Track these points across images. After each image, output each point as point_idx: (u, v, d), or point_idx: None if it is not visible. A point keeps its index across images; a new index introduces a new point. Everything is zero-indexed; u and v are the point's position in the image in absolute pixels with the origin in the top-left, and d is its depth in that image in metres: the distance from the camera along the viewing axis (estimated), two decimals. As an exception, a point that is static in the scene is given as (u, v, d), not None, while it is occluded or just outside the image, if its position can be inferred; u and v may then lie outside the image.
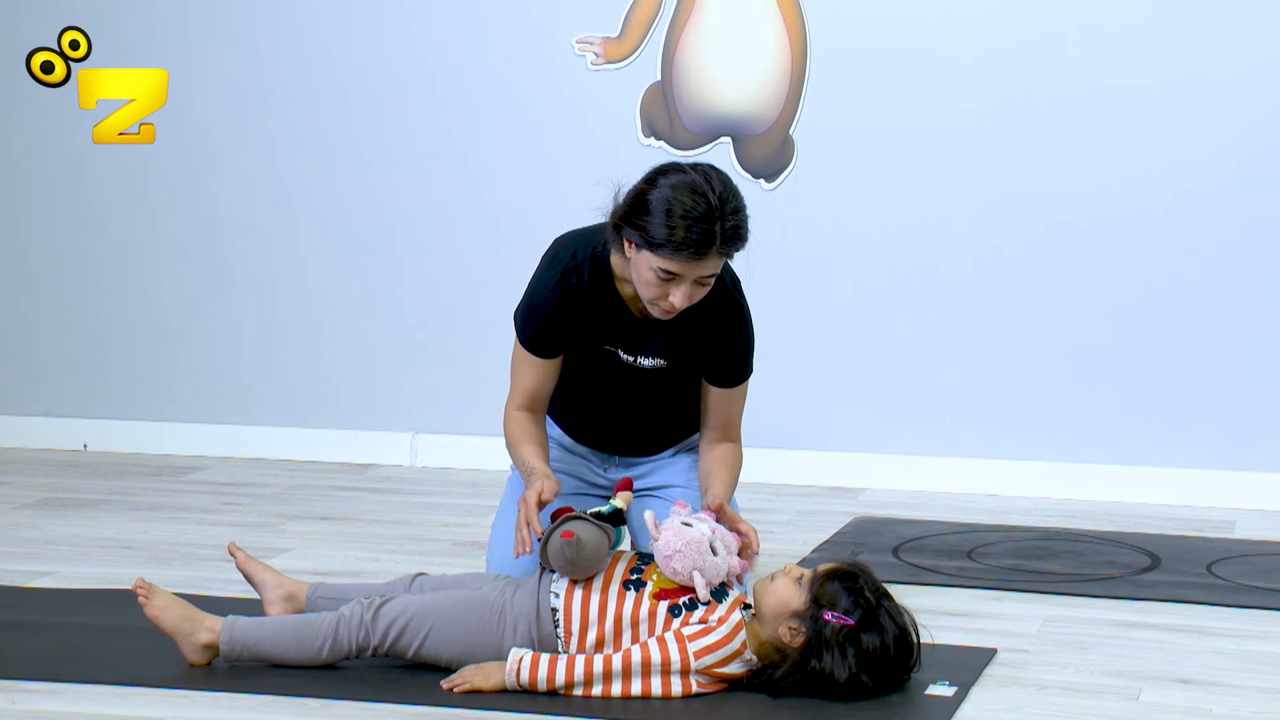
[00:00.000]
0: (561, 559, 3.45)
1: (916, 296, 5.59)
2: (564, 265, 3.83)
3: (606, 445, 4.10)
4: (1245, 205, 5.38)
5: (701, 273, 3.63)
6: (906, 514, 5.19)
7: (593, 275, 3.82)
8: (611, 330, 3.87)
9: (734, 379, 3.95)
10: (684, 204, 3.57)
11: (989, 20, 5.49)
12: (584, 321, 3.85)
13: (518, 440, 3.89)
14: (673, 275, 3.61)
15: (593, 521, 3.49)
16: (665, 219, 3.57)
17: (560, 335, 3.87)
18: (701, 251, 3.58)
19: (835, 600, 3.36)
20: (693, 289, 3.65)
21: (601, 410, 4.02)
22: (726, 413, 3.97)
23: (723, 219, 3.58)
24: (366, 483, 5.63)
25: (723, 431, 3.98)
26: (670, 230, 3.56)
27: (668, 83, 5.66)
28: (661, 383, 3.93)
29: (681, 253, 3.57)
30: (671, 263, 3.59)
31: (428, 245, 5.88)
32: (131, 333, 6.08)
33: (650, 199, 3.61)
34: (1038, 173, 5.50)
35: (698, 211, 3.57)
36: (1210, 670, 3.67)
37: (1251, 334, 5.40)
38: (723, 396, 3.96)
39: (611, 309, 3.85)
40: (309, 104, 5.92)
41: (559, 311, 3.84)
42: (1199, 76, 5.38)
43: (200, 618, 3.53)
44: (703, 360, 3.92)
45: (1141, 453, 5.47)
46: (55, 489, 5.43)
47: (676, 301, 3.64)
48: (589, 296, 3.83)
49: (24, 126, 6.08)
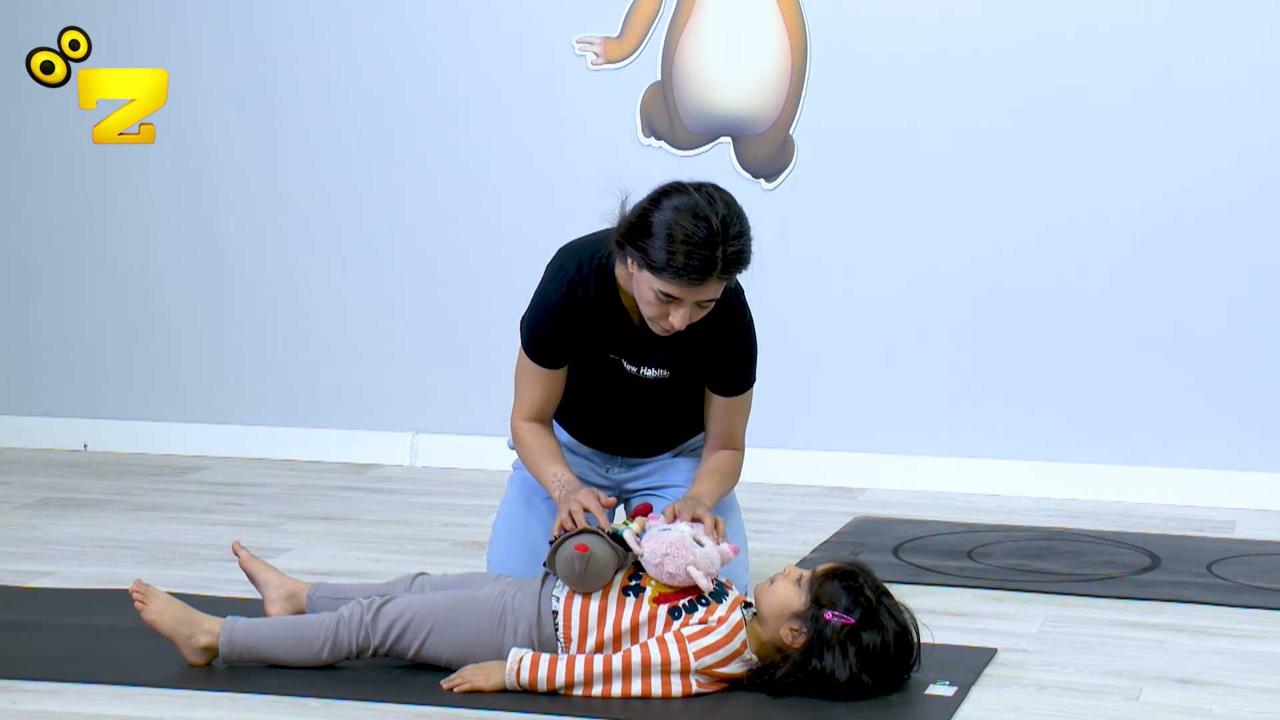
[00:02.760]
0: (570, 570, 3.44)
1: (917, 296, 5.59)
2: (570, 277, 3.81)
3: (609, 446, 4.10)
4: (1245, 206, 5.38)
5: (702, 296, 3.61)
6: (906, 514, 5.19)
7: (598, 286, 3.81)
8: (616, 340, 3.86)
9: (736, 388, 3.94)
10: (685, 229, 3.54)
11: (989, 20, 5.49)
12: (589, 332, 3.84)
13: (541, 456, 3.87)
14: (672, 298, 3.60)
15: (607, 540, 3.48)
16: (666, 243, 3.54)
17: (566, 346, 3.86)
18: (701, 277, 3.56)
19: (836, 599, 3.36)
20: (693, 310, 3.64)
21: (605, 416, 4.02)
22: (729, 422, 3.96)
23: (724, 244, 3.55)
24: (366, 483, 5.63)
25: (724, 440, 3.97)
26: (671, 255, 3.54)
27: (668, 83, 5.66)
28: (664, 392, 3.93)
29: (681, 278, 3.56)
30: (671, 287, 3.58)
31: (428, 245, 5.88)
32: (131, 333, 6.08)
33: (653, 221, 3.58)
34: (1038, 173, 5.49)
35: (699, 237, 3.54)
36: (1210, 670, 3.66)
37: (1251, 334, 5.40)
38: (725, 405, 3.95)
39: (616, 319, 3.84)
40: (309, 104, 5.92)
41: (566, 323, 3.82)
42: (1199, 77, 5.38)
43: (198, 620, 3.52)
44: (705, 370, 3.91)
45: (1142, 453, 5.47)
46: (55, 489, 5.43)
47: (676, 323, 3.63)
48: (595, 308, 3.82)
49: (24, 126, 6.07)
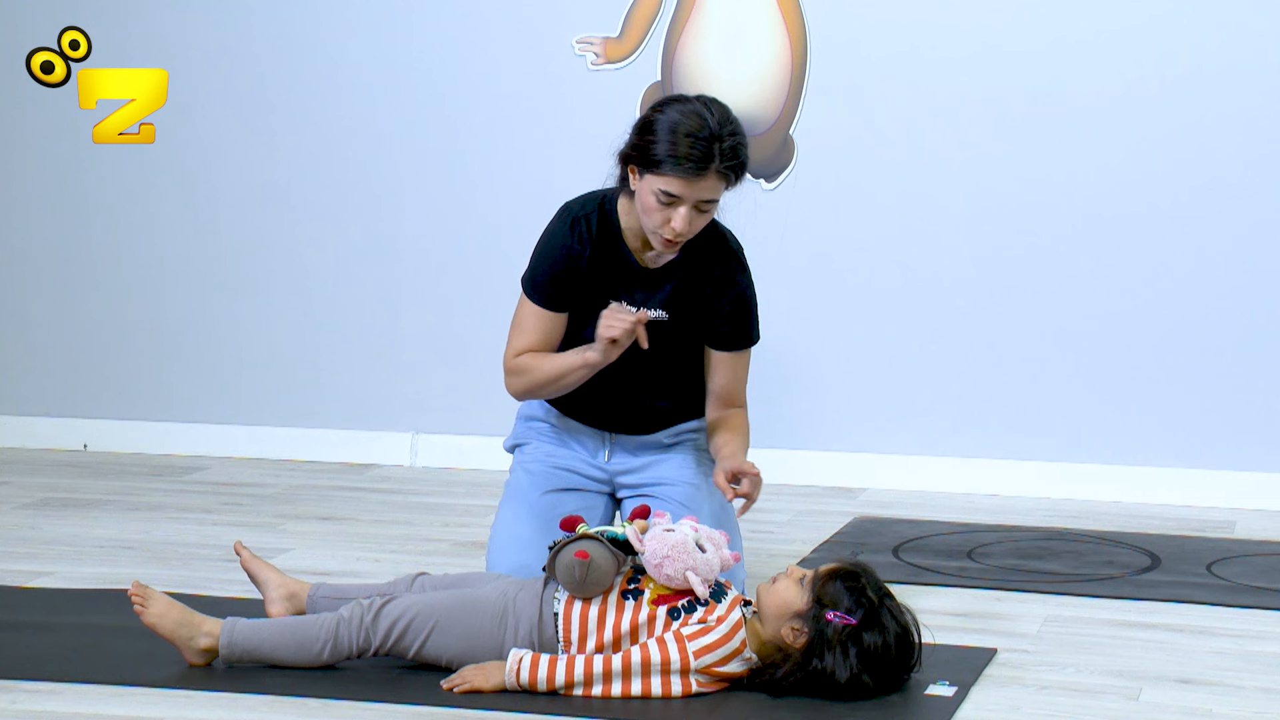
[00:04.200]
0: (570, 576, 3.44)
1: (917, 296, 5.59)
2: (574, 215, 3.94)
3: (603, 420, 4.07)
4: (1245, 206, 5.38)
5: (702, 195, 3.74)
6: (906, 514, 5.19)
7: (600, 226, 3.91)
8: (617, 281, 3.92)
9: (739, 341, 3.99)
10: (687, 125, 3.73)
11: (989, 20, 5.49)
12: (591, 271, 3.92)
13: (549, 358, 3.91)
14: (674, 198, 3.72)
15: (607, 546, 3.47)
16: (669, 136, 3.72)
17: (569, 286, 3.92)
18: (702, 168, 3.71)
19: (838, 600, 3.36)
20: (693, 215, 3.75)
21: (602, 376, 3.97)
22: (732, 377, 4.00)
23: (721, 139, 3.72)
24: (366, 483, 5.63)
25: (729, 398, 4.01)
26: (673, 145, 3.71)
27: (668, 83, 5.66)
28: (663, 339, 3.93)
29: (682, 168, 3.70)
30: (672, 181, 3.71)
31: (427, 245, 5.88)
32: (131, 333, 6.08)
33: (655, 120, 3.77)
34: (1038, 173, 5.49)
35: (699, 131, 3.72)
36: (1210, 670, 3.66)
37: (1251, 334, 5.40)
38: (728, 362, 3.99)
39: (617, 259, 3.92)
40: (309, 104, 5.92)
41: (569, 260, 3.91)
42: (1199, 79, 5.38)
43: (198, 621, 3.52)
44: (706, 318, 3.95)
45: (1141, 453, 5.47)
46: (55, 489, 5.43)
47: (677, 225, 3.74)
48: (597, 245, 3.91)
49: (24, 126, 6.08)
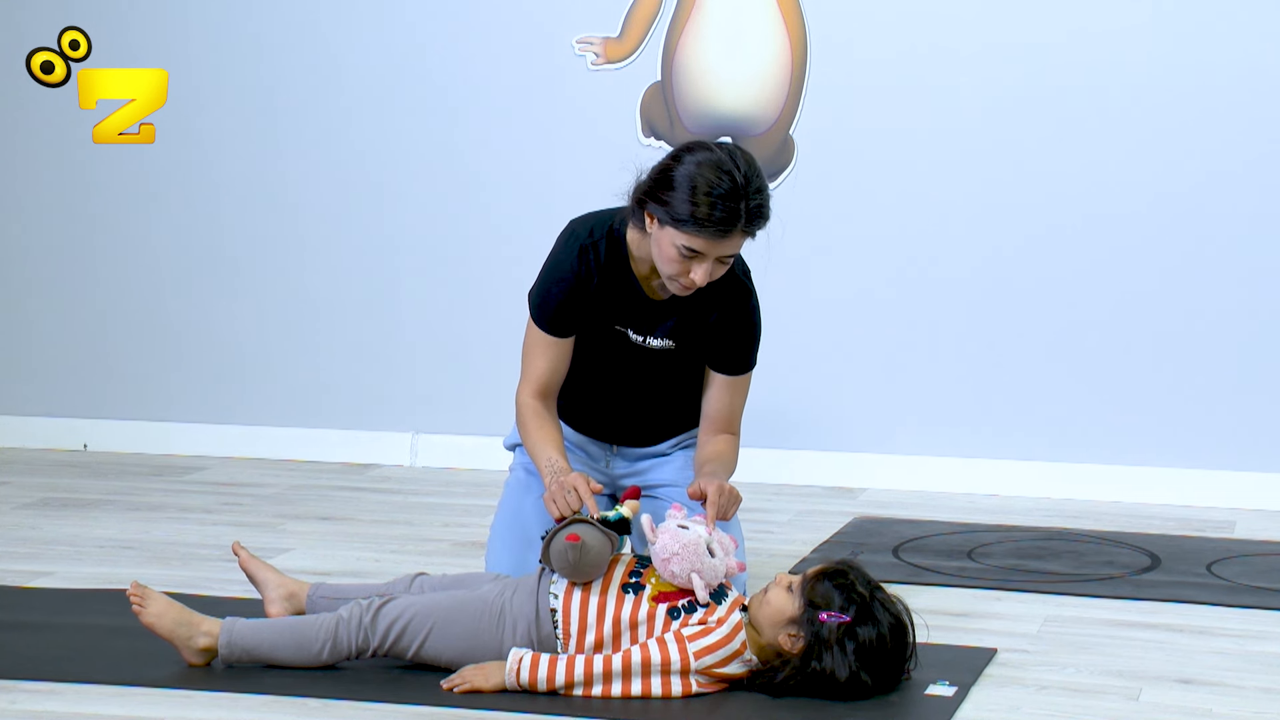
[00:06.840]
0: (564, 561, 3.44)
1: (917, 296, 5.59)
2: (581, 242, 3.84)
3: (606, 433, 4.08)
4: (1245, 206, 5.38)
5: (724, 251, 3.65)
6: (906, 514, 5.19)
7: (609, 253, 3.84)
8: (623, 310, 3.88)
9: (739, 366, 3.95)
10: (709, 181, 3.59)
11: (989, 20, 5.49)
12: (598, 299, 3.86)
13: (540, 439, 3.85)
14: (695, 253, 3.63)
15: (598, 527, 3.47)
16: (690, 195, 3.59)
17: (576, 313, 3.87)
18: (726, 229, 3.61)
19: (829, 599, 3.36)
20: (714, 267, 3.67)
21: (606, 393, 4.00)
22: (728, 401, 3.96)
23: (747, 197, 3.60)
24: (366, 483, 5.63)
25: (724, 423, 3.97)
26: (695, 207, 3.58)
27: (668, 83, 5.66)
28: (668, 366, 3.93)
29: (706, 230, 3.59)
30: (695, 240, 3.61)
31: (428, 245, 5.88)
32: (131, 333, 6.08)
33: (675, 175, 3.63)
34: (1038, 173, 5.49)
35: (722, 189, 3.59)
36: (1210, 670, 3.66)
37: (1251, 334, 5.40)
38: (726, 386, 3.95)
39: (625, 289, 3.86)
40: (309, 104, 5.92)
41: (576, 288, 3.84)
42: (1198, 79, 5.38)
43: (197, 621, 3.51)
44: (710, 344, 3.92)
45: (1141, 453, 5.47)
46: (55, 489, 5.43)
47: (697, 278, 3.66)
48: (605, 274, 3.84)
49: (24, 126, 6.08)
